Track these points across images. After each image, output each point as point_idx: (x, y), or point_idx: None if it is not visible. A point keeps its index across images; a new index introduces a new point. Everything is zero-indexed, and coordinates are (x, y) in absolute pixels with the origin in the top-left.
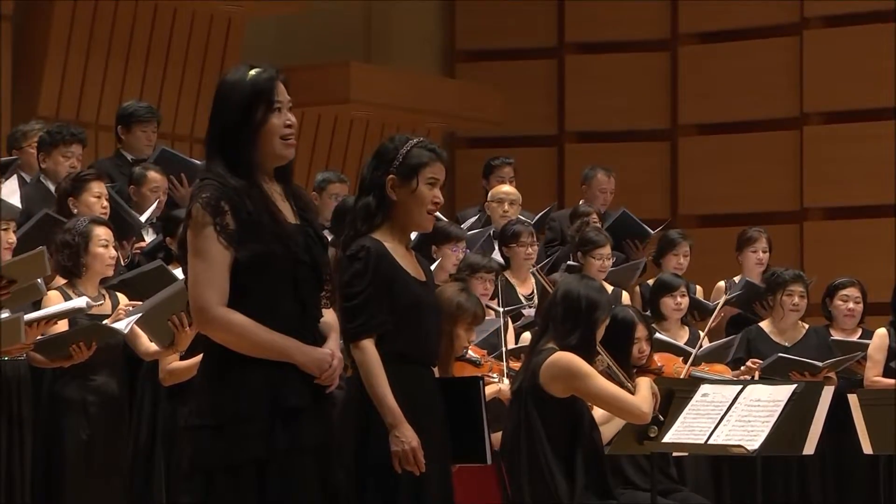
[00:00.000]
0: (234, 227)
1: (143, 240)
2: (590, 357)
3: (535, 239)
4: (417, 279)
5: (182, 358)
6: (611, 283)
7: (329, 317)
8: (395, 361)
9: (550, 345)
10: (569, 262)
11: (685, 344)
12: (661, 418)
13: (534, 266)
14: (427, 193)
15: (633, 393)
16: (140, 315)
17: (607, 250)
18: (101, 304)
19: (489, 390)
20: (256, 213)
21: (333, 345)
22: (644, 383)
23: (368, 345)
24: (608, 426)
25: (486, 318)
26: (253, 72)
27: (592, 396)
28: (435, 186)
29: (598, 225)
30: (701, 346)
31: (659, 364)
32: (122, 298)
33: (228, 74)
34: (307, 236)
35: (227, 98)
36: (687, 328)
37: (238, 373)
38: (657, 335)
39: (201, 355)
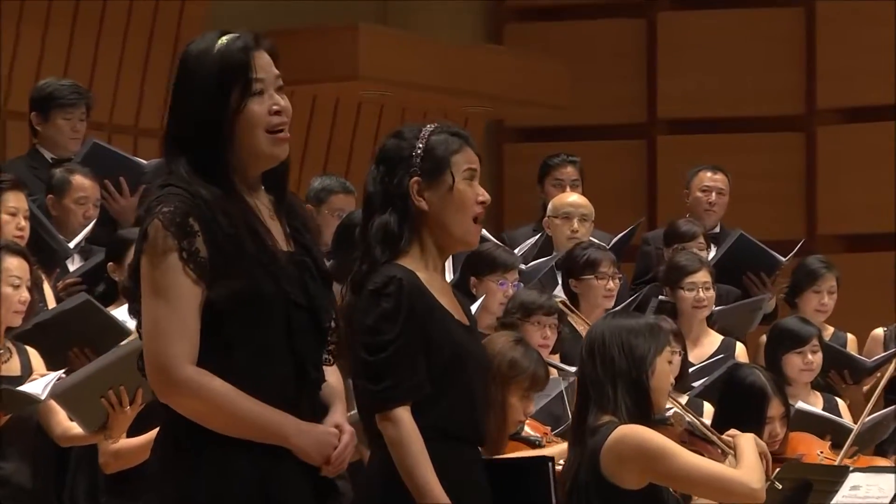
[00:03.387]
0: (207, 255)
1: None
2: (648, 420)
3: (617, 270)
4: (461, 323)
5: (130, 434)
6: (721, 330)
7: (331, 378)
8: (433, 439)
9: (607, 418)
10: (661, 299)
11: None
12: (778, 486)
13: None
14: (469, 191)
15: (726, 453)
16: (59, 384)
17: (703, 277)
18: (6, 362)
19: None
20: (237, 235)
21: (339, 416)
22: (746, 443)
23: (403, 415)
24: None
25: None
26: (224, 39)
27: (680, 480)
28: (474, 179)
29: (703, 250)
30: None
31: (797, 452)
32: (36, 359)
33: (193, 44)
34: (304, 269)
35: (189, 77)
36: (819, 394)
37: (211, 458)
38: (798, 405)
39: (156, 431)
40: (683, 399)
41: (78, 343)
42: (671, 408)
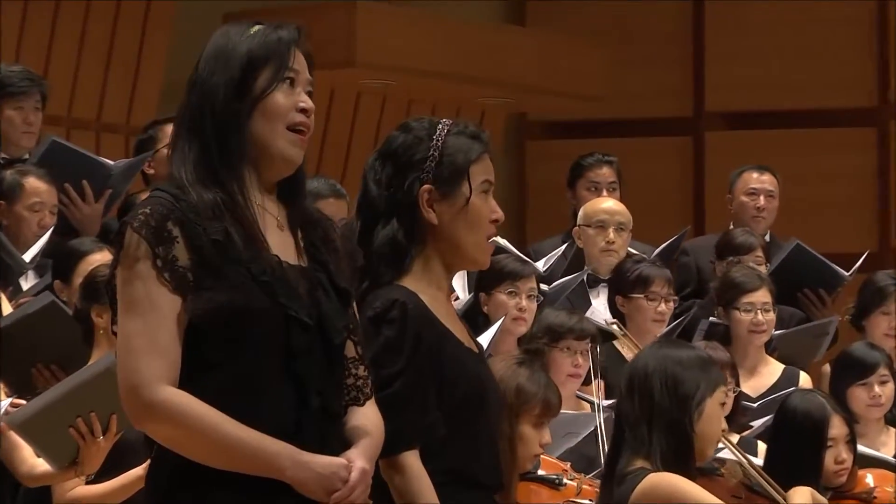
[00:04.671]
0: (188, 264)
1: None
2: (688, 471)
3: (671, 290)
4: (471, 349)
5: (94, 480)
6: (781, 358)
7: (366, 417)
8: (445, 484)
9: (639, 463)
10: (711, 321)
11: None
12: None
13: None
14: (483, 207)
15: None
16: (17, 414)
17: (762, 296)
18: None
19: None
20: (227, 242)
21: (357, 454)
22: (801, 499)
23: (411, 461)
24: None
25: (577, 412)
26: (262, 26)
27: None
28: (489, 194)
29: (760, 265)
30: None
31: (870, 484)
32: None
33: (224, 27)
34: (317, 285)
35: (213, 57)
36: (894, 431)
37: (190, 496)
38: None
39: (127, 475)
40: (734, 439)
41: (43, 357)
42: (724, 455)
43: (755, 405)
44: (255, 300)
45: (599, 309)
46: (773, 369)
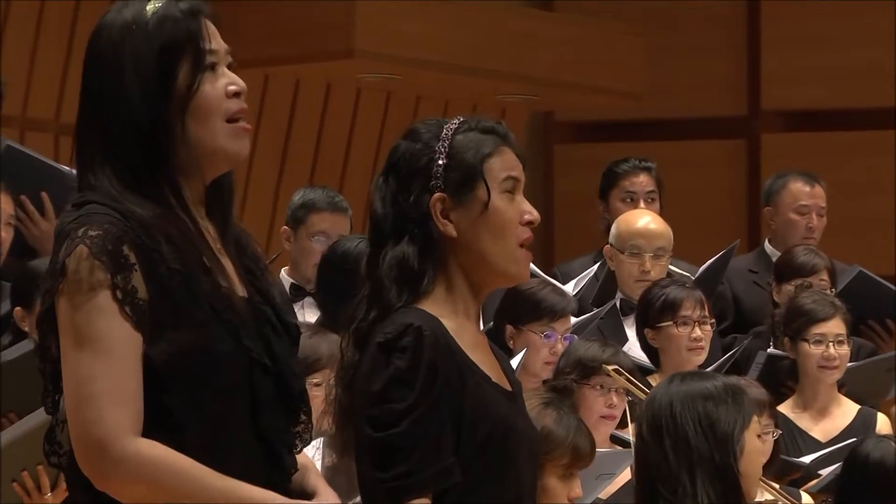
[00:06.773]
0: (148, 296)
1: None
2: None
3: (706, 312)
4: (501, 387)
5: None
6: (849, 395)
7: (302, 460)
8: None
9: None
10: (770, 352)
11: None
12: None
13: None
14: (508, 208)
15: None
16: None
17: (836, 327)
18: None
19: None
20: (186, 271)
21: (331, 496)
22: None
23: None
24: None
25: (610, 449)
26: (156, 3)
27: None
28: (516, 192)
29: (826, 289)
30: None
31: None
32: None
33: (110, 13)
34: (265, 322)
35: (112, 55)
36: None
37: None
38: None
39: None
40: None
41: (17, 408)
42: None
43: (824, 451)
44: (221, 342)
45: (636, 342)
46: (845, 410)
